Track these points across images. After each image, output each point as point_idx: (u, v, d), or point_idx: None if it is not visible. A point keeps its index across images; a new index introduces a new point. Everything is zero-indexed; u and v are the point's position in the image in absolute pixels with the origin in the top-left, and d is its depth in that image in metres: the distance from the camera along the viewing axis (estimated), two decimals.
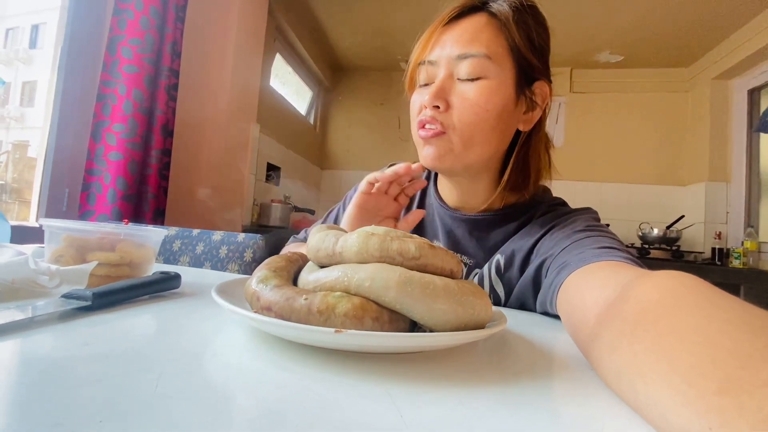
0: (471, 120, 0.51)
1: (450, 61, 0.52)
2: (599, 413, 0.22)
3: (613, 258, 0.39)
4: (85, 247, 0.44)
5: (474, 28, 0.52)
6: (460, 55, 0.51)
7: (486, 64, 0.51)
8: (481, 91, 0.51)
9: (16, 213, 1.73)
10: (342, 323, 0.25)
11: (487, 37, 0.52)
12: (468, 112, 0.51)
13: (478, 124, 0.51)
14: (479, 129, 0.52)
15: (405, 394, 0.21)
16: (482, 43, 0.51)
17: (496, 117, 0.52)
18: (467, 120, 0.51)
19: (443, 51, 0.53)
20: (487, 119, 0.51)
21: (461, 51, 0.51)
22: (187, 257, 0.90)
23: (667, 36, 2.51)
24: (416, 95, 0.57)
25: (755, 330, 0.18)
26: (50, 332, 0.27)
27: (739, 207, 2.53)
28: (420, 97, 0.55)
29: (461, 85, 0.52)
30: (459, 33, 0.52)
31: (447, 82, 0.52)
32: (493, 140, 0.54)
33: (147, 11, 1.39)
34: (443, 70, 0.53)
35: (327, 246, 0.30)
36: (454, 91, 0.52)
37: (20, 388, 0.19)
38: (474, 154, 0.53)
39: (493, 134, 0.53)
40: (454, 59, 0.52)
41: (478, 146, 0.53)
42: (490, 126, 0.52)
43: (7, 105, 7.04)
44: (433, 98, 0.51)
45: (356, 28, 2.82)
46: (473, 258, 0.61)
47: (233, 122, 2.01)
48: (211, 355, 0.25)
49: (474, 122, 0.51)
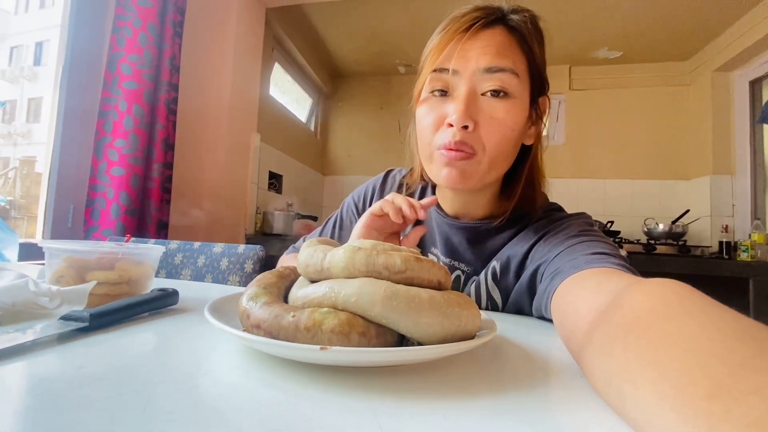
0: (498, 140, 0.50)
1: (475, 74, 0.49)
2: (585, 422, 0.22)
3: (606, 265, 0.40)
4: (85, 266, 0.45)
5: (498, 42, 0.50)
6: (488, 68, 0.49)
7: (513, 81, 0.49)
8: (508, 110, 0.49)
9: (25, 229, 1.75)
10: (329, 339, 0.25)
11: (512, 52, 0.50)
12: (496, 132, 0.49)
13: (504, 144, 0.50)
14: (503, 149, 0.51)
15: (389, 408, 0.22)
16: (509, 58, 0.49)
17: (517, 135, 0.52)
18: (495, 140, 0.50)
19: (468, 62, 0.49)
20: (511, 138, 0.51)
21: (489, 64, 0.49)
22: (189, 270, 0.91)
23: (666, 30, 2.50)
24: (429, 106, 0.53)
25: (745, 339, 0.18)
26: (47, 355, 0.28)
27: (745, 199, 2.50)
28: (435, 110, 0.52)
29: (487, 102, 0.50)
30: (483, 44, 0.49)
31: (472, 98, 0.49)
32: (511, 158, 0.54)
33: (145, 28, 1.42)
34: (466, 83, 0.49)
35: (315, 262, 0.31)
36: (479, 109, 0.50)
37: (15, 413, 0.20)
38: (495, 173, 0.53)
39: (513, 152, 0.54)
40: (480, 72, 0.49)
41: (500, 166, 0.53)
42: (512, 145, 0.52)
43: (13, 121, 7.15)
44: (464, 117, 0.48)
45: (354, 35, 2.84)
46: (471, 266, 0.61)
47: (234, 133, 2.03)
48: (203, 373, 0.26)
49: (501, 142, 0.50)
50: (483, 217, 0.61)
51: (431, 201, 0.54)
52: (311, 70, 3.04)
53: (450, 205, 0.62)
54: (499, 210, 0.61)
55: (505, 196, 0.60)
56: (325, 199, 3.50)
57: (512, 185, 0.59)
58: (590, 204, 2.90)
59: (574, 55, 2.89)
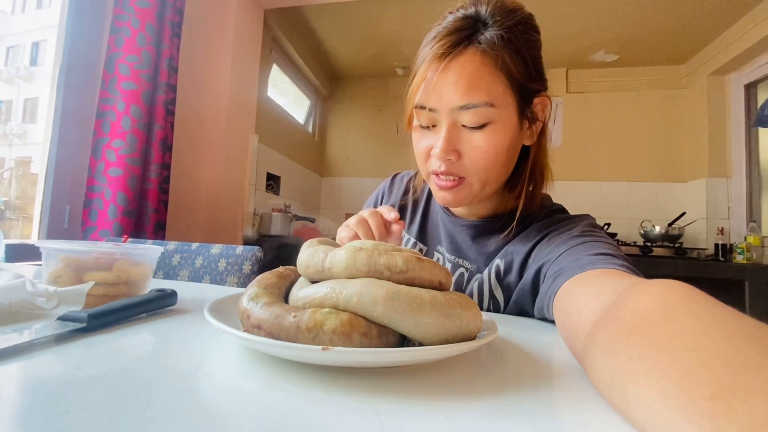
0: (484, 166, 0.52)
1: (452, 112, 0.50)
2: (586, 422, 0.22)
3: (609, 265, 0.40)
4: (82, 267, 0.44)
5: (469, 73, 0.49)
6: (461, 107, 0.49)
7: (489, 111, 0.49)
8: (490, 138, 0.50)
9: (20, 230, 1.74)
10: (330, 340, 0.25)
11: (486, 81, 0.49)
12: (480, 158, 0.51)
13: (491, 167, 0.52)
14: (491, 171, 0.53)
15: (391, 409, 0.22)
16: (482, 90, 0.49)
17: (506, 154, 0.52)
18: (481, 166, 0.52)
19: (442, 100, 0.50)
20: (498, 160, 0.52)
21: (462, 102, 0.49)
22: (187, 271, 0.90)
23: (662, 33, 2.52)
24: (419, 135, 0.55)
25: (749, 339, 0.18)
26: (45, 356, 0.27)
27: (741, 202, 2.52)
28: (425, 140, 0.54)
29: (468, 133, 0.51)
30: (455, 79, 0.49)
31: (452, 132, 0.51)
32: (506, 172, 0.56)
33: (143, 28, 1.41)
34: (445, 119, 0.51)
35: (316, 262, 0.31)
36: (461, 139, 0.51)
37: (12, 414, 0.19)
38: (490, 189, 0.55)
39: (505, 168, 0.55)
40: (456, 110, 0.50)
41: (494, 182, 0.55)
42: (502, 164, 0.53)
43: (9, 122, 7.11)
44: (444, 153, 0.51)
45: (352, 36, 2.84)
46: (474, 263, 0.62)
47: (232, 134, 2.03)
48: (202, 374, 0.26)
49: (487, 167, 0.52)
50: (487, 215, 0.61)
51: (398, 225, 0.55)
52: (309, 71, 3.04)
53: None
54: (503, 207, 0.61)
55: (509, 192, 0.60)
56: (323, 200, 3.49)
57: (516, 182, 0.59)
58: (587, 206, 2.87)
59: (571, 59, 2.91)
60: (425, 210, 0.69)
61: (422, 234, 0.68)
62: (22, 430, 0.17)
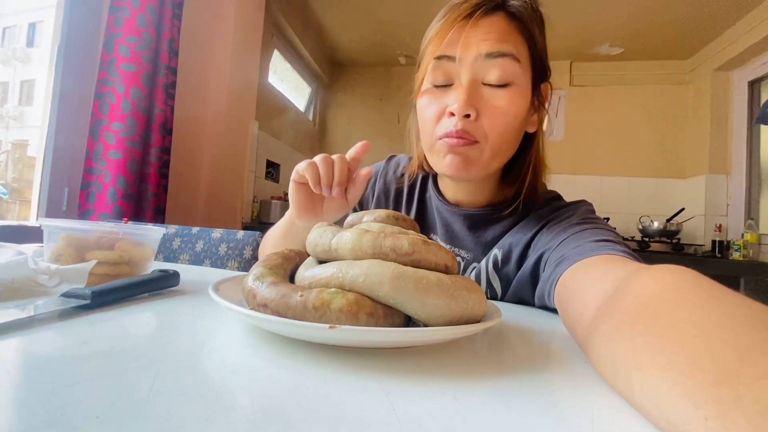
0: (501, 130, 0.50)
1: (477, 61, 0.49)
2: (591, 405, 0.22)
3: (611, 252, 0.40)
4: (84, 246, 0.44)
5: (499, 28, 0.49)
6: (489, 53, 0.48)
7: (515, 67, 0.49)
8: (511, 99, 0.49)
9: (17, 213, 1.73)
10: (337, 319, 0.25)
11: (514, 38, 0.49)
12: (499, 120, 0.49)
13: (507, 133, 0.50)
14: (506, 138, 0.51)
15: (399, 388, 0.22)
16: (511, 44, 0.49)
17: (520, 124, 0.52)
18: (498, 130, 0.50)
19: (469, 49, 0.49)
20: (514, 127, 0.51)
21: (491, 49, 0.48)
22: (187, 255, 0.90)
23: (667, 28, 2.50)
24: (430, 97, 0.53)
25: (755, 324, 0.18)
26: (49, 331, 0.27)
27: (740, 199, 2.52)
28: (437, 102, 0.52)
29: (490, 91, 0.49)
30: (485, 31, 0.49)
31: (474, 87, 0.49)
32: (514, 147, 0.54)
33: (144, 9, 1.39)
34: (468, 72, 0.49)
35: (324, 242, 0.30)
36: (481, 98, 0.50)
37: (19, 385, 0.19)
38: (498, 162, 0.53)
39: (515, 141, 0.54)
40: (482, 58, 0.48)
41: (504, 155, 0.53)
42: (515, 134, 0.52)
43: (5, 104, 7.04)
44: (465, 106, 0.48)
45: (354, 24, 2.80)
46: (471, 252, 0.62)
47: (232, 119, 2.01)
48: (208, 352, 0.26)
49: (504, 131, 0.50)
50: (484, 204, 0.61)
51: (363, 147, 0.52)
52: (311, 58, 3.01)
53: (452, 194, 0.62)
54: (500, 197, 0.61)
55: (507, 183, 0.60)
56: None
57: (514, 173, 0.59)
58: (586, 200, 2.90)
59: (575, 51, 2.88)
60: (421, 197, 0.67)
61: (417, 221, 0.67)
62: (31, 400, 0.17)
